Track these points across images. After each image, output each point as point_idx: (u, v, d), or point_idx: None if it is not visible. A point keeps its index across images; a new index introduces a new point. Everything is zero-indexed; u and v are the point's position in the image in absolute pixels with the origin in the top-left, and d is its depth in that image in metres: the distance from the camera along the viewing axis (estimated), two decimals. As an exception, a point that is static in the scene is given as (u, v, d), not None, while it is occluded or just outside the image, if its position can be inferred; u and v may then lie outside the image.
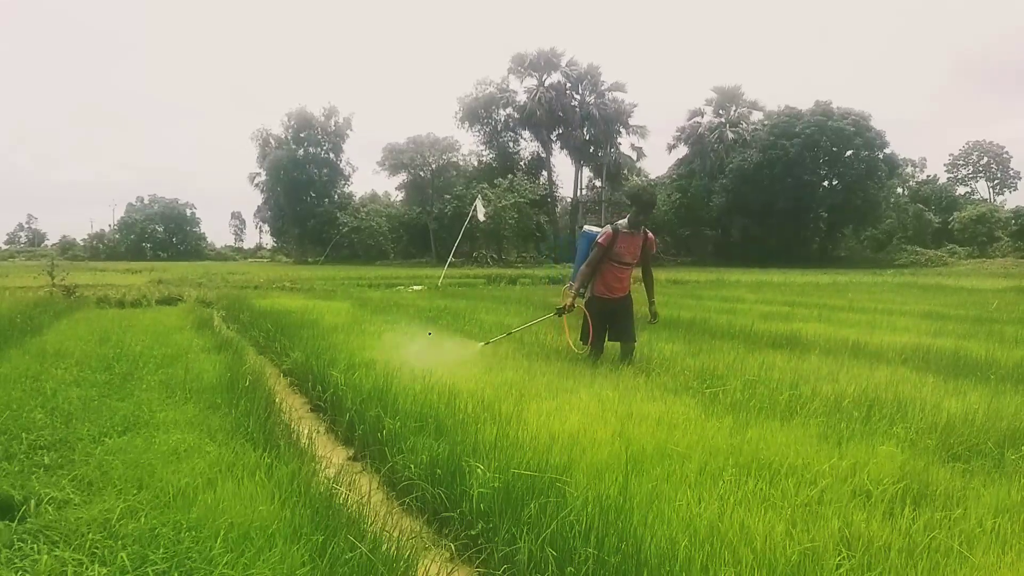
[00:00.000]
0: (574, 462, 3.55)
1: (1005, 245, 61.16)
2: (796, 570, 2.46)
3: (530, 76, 64.71)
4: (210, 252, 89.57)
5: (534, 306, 14.66)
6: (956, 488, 3.25)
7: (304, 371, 7.02)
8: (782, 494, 3.16)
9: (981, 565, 2.49)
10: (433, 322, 10.74)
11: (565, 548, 2.63)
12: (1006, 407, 4.96)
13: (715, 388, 5.51)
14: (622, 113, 64.37)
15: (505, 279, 29.19)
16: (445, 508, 3.44)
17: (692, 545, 2.58)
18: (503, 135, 66.68)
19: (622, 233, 6.73)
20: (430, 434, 4.16)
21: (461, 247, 46.16)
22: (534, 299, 17.13)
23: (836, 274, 34.91)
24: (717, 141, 63.11)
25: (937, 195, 72.30)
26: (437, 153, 62.07)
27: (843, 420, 4.48)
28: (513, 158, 66.72)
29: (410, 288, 23.57)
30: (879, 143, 56.30)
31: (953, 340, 8.67)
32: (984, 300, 16.74)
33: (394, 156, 61.30)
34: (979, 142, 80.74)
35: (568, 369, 6.54)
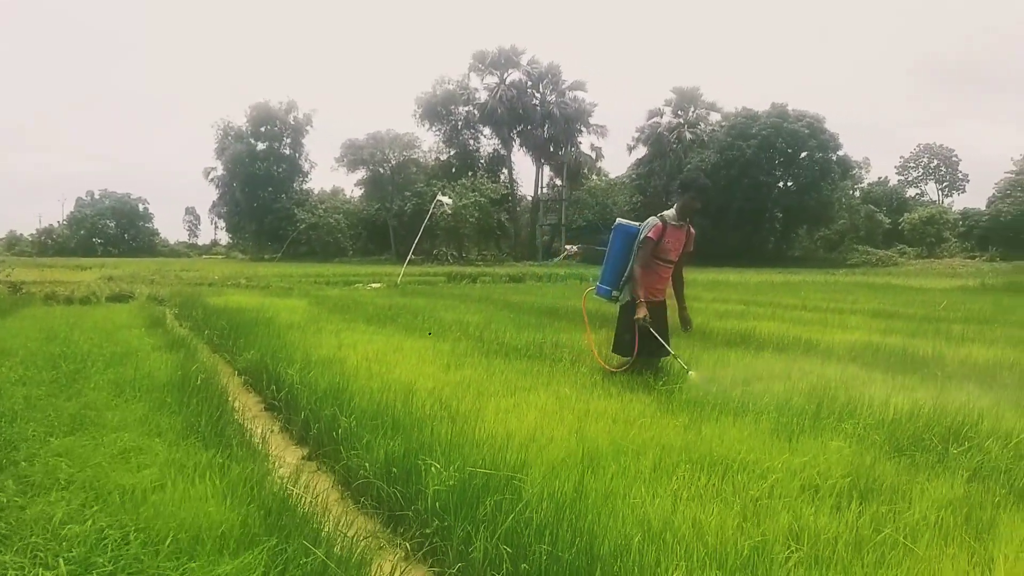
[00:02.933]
0: (530, 459, 3.56)
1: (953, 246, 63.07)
2: (746, 563, 2.50)
3: (491, 74, 64.75)
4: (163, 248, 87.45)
5: (495, 304, 14.68)
6: (902, 482, 3.33)
7: (258, 370, 6.91)
8: (734, 489, 3.22)
9: (925, 557, 2.56)
10: (392, 321, 10.67)
11: (520, 545, 2.64)
12: (951, 403, 5.10)
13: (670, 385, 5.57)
14: (582, 112, 64.72)
15: (466, 277, 29.09)
16: (400, 507, 3.42)
17: (645, 540, 2.61)
18: (463, 133, 66.53)
19: (671, 226, 5.83)
20: (386, 433, 4.13)
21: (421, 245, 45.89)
22: (495, 297, 17.15)
23: (790, 273, 35.57)
24: (676, 142, 63.78)
25: (888, 196, 74.04)
26: (397, 150, 61.61)
27: (794, 416, 4.57)
28: (473, 156, 66.62)
29: (369, 286, 23.40)
30: (833, 145, 57.47)
31: (901, 338, 8.89)
32: (932, 299, 17.21)
33: (353, 152, 60.71)
34: (929, 145, 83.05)
35: (527, 367, 6.56)
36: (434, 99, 64.23)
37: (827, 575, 2.40)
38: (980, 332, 9.94)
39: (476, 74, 65.21)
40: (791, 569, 2.46)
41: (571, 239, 63.31)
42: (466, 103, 65.34)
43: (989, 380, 6.21)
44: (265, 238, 65.67)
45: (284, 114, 65.34)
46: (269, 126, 65.18)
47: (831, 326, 10.59)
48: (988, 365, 6.81)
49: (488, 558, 2.66)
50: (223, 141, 65.86)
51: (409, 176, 61.43)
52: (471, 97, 65.25)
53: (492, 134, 66.60)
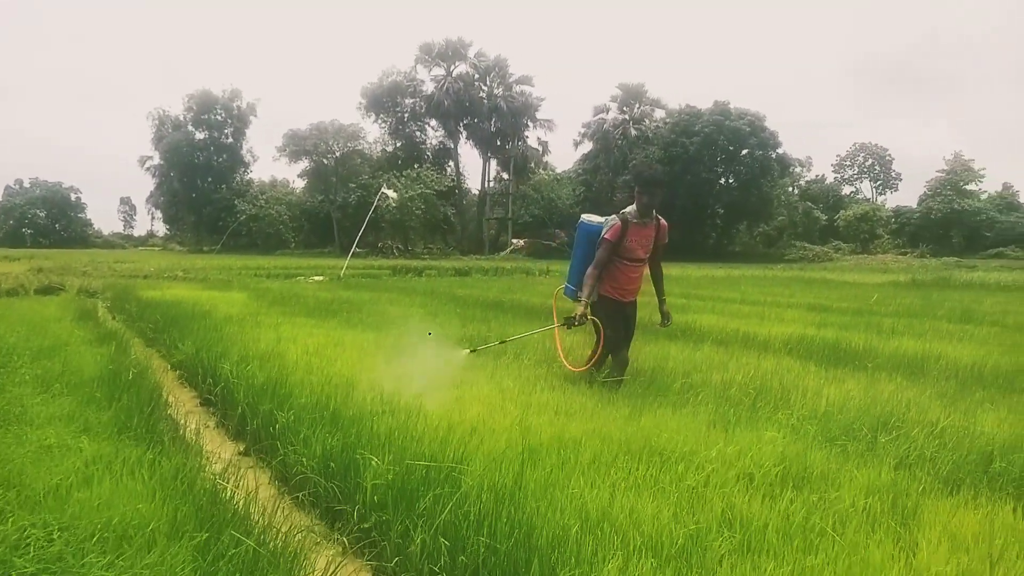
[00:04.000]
0: (471, 452, 3.55)
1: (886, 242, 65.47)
2: (681, 551, 2.54)
3: (438, 66, 64.30)
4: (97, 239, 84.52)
5: (440, 298, 14.62)
6: (832, 471, 3.43)
7: (194, 364, 6.74)
8: (671, 479, 3.26)
9: (852, 543, 2.63)
10: (334, 314, 10.52)
11: (459, 537, 2.63)
12: (880, 393, 5.29)
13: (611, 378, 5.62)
14: (529, 106, 64.81)
15: (411, 270, 28.89)
16: (339, 502, 3.38)
17: (583, 530, 2.63)
18: (410, 124, 65.97)
19: (633, 224, 5.50)
20: (325, 427, 4.06)
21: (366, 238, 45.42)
22: (440, 290, 17.07)
23: (730, 268, 36.35)
24: (621, 137, 64.40)
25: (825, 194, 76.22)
26: (342, 141, 60.74)
27: (731, 407, 4.67)
28: (420, 148, 66.14)
29: (311, 279, 23.03)
30: (772, 143, 58.83)
31: (835, 331, 9.17)
32: (865, 294, 17.80)
33: (296, 142, 59.61)
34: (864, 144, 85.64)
35: (471, 361, 6.53)
36: (380, 90, 63.53)
37: (758, 561, 2.46)
38: (909, 325, 10.32)
39: (423, 66, 64.76)
40: (723, 556, 2.50)
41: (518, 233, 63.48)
42: (412, 95, 64.80)
43: (917, 372, 6.44)
44: (204, 229, 64.09)
45: (227, 102, 63.78)
46: (209, 115, 63.53)
47: (768, 319, 10.85)
48: (916, 357, 7.06)
49: (426, 551, 2.65)
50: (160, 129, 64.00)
51: (354, 168, 60.65)
52: (418, 89, 64.75)
53: (439, 126, 66.27)
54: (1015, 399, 5.32)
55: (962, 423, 4.43)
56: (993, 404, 5.12)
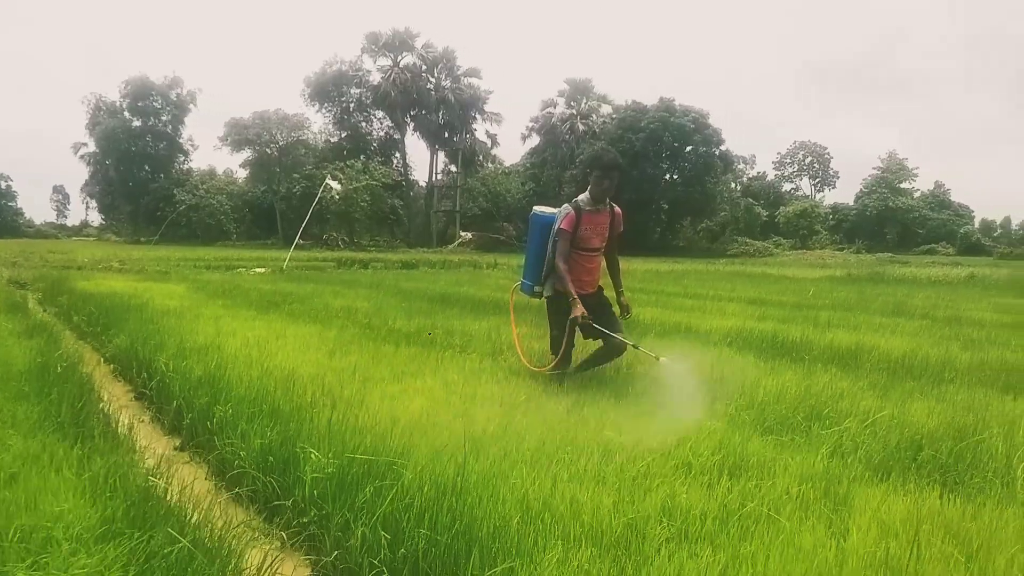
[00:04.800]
0: (414, 445, 3.53)
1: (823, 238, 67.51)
2: (620, 540, 2.57)
3: (384, 56, 63.58)
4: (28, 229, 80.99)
5: (386, 290, 14.48)
6: (768, 459, 3.51)
7: (129, 358, 6.53)
8: (612, 469, 3.29)
9: (786, 529, 2.69)
10: (276, 307, 10.32)
11: (399, 530, 2.60)
12: (816, 384, 5.43)
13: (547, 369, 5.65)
14: (477, 99, 64.68)
15: (357, 263, 28.56)
16: (278, 496, 3.31)
17: (524, 521, 2.64)
18: (355, 115, 65.14)
19: (586, 212, 5.28)
20: (264, 421, 3.99)
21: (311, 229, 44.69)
22: (386, 283, 16.92)
23: (674, 263, 36.89)
24: (568, 132, 64.75)
25: (766, 191, 78.09)
26: (285, 130, 59.64)
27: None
28: (366, 139, 65.40)
29: (252, 270, 22.56)
30: (716, 140, 59.87)
31: (773, 324, 9.38)
32: (803, 288, 18.28)
33: (238, 131, 58.29)
34: (804, 142, 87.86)
35: (416, 354, 6.50)
36: (324, 79, 62.53)
37: (695, 548, 2.50)
38: (844, 319, 10.64)
39: (369, 56, 63.94)
40: (662, 544, 2.54)
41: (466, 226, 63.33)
42: (358, 85, 64.02)
43: (851, 363, 6.63)
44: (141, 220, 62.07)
45: (166, 90, 61.86)
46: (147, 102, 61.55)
47: (710, 313, 11.05)
48: (850, 349, 7.27)
49: (366, 545, 2.61)
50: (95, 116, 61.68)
51: (298, 158, 59.63)
52: (363, 79, 63.99)
53: (385, 117, 65.57)
54: (943, 389, 5.52)
55: (893, 413, 4.58)
56: (923, 394, 5.31)
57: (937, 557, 2.50)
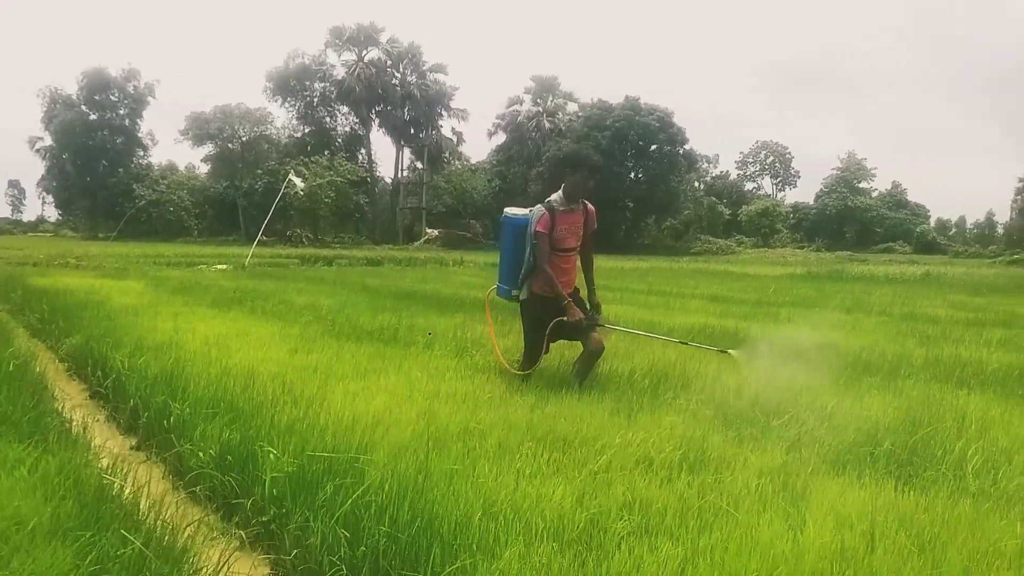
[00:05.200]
0: (376, 442, 3.51)
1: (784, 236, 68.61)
2: (582, 535, 2.58)
3: (349, 51, 62.98)
4: (-18, 225, 79.04)
5: (350, 287, 14.37)
6: (727, 453, 3.55)
7: (84, 356, 6.39)
8: (574, 465, 3.31)
9: (744, 522, 2.73)
10: (238, 304, 10.18)
11: (359, 528, 2.58)
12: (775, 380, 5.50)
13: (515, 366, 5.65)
14: (444, 95, 64.40)
15: (321, 260, 28.24)
16: (236, 495, 3.26)
17: (486, 517, 2.63)
18: (319, 110, 64.41)
19: (560, 212, 5.16)
20: (223, 419, 3.93)
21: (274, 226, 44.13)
22: (350, 280, 16.79)
23: (639, 260, 37.15)
24: (535, 130, 64.82)
25: (729, 190, 79.07)
26: (248, 125, 58.74)
27: (634, 394, 4.76)
28: (330, 134, 64.68)
29: (214, 267, 22.21)
30: (680, 139, 60.38)
31: (735, 320, 9.51)
32: (764, 285, 18.55)
33: (199, 125, 57.25)
34: (766, 142, 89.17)
35: (380, 351, 6.45)
36: (287, 73, 61.71)
37: (655, 542, 2.51)
38: (804, 315, 10.82)
39: (333, 50, 63.28)
40: (623, 538, 2.55)
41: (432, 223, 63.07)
42: (322, 79, 63.31)
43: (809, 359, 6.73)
44: (100, 215, 60.64)
45: (123, 82, 60.47)
46: (104, 95, 60.13)
47: (673, 310, 11.16)
48: (809, 345, 7.38)
49: (326, 543, 2.59)
50: (51, 109, 60.05)
51: (261, 153, 58.77)
52: (327, 73, 63.30)
53: (350, 113, 64.92)
54: (899, 384, 5.64)
55: (850, 407, 4.67)
56: (879, 389, 5.41)
57: (891, 548, 2.55)
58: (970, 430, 4.16)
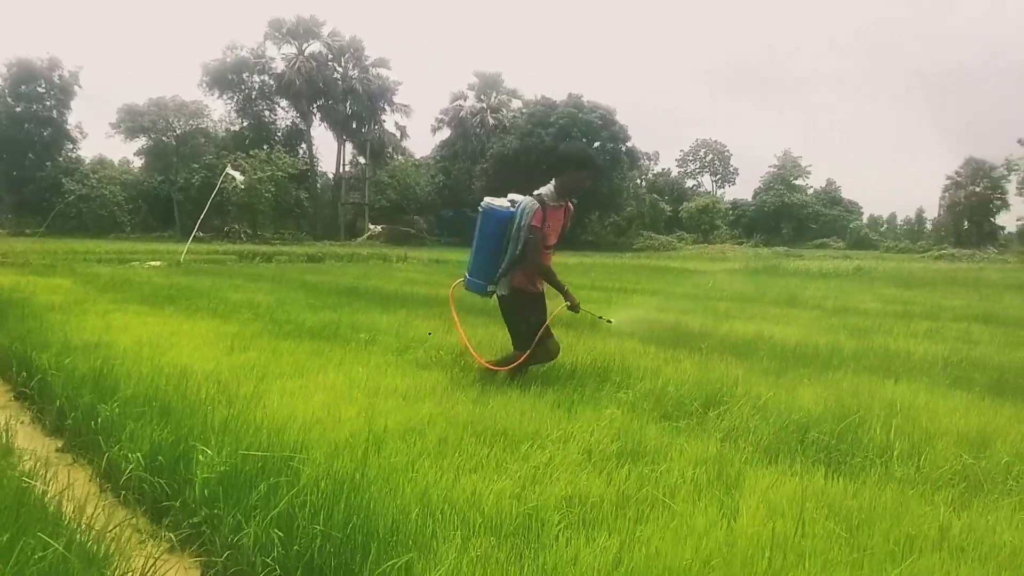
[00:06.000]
0: (313, 441, 3.45)
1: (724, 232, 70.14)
2: (520, 528, 2.58)
3: (288, 43, 61.78)
4: (-102, 220, 74.84)
5: (290, 284, 14.12)
6: (665, 444, 3.60)
7: (7, 356, 6.12)
8: (514, 459, 3.31)
9: (680, 512, 2.77)
10: (172, 301, 9.89)
11: (293, 527, 2.53)
12: (712, 372, 5.63)
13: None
14: (386, 90, 63.76)
15: (260, 256, 27.70)
16: (167, 497, 3.16)
17: (424, 513, 2.62)
18: (258, 103, 63.05)
19: (550, 207, 5.02)
20: (154, 420, 3.81)
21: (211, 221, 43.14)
22: (290, 277, 16.50)
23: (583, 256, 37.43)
24: (479, 126, 64.76)
25: (670, 187, 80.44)
26: (183, 118, 57.14)
27: (576, 388, 4.80)
28: (269, 128, 63.39)
29: (147, 264, 21.56)
30: (623, 136, 61.07)
31: (675, 315, 9.66)
32: (703, 280, 18.91)
33: (132, 118, 55.42)
34: (705, 140, 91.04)
35: (319, 348, 6.36)
36: (224, 66, 60.22)
37: (592, 533, 2.53)
38: (742, 309, 11.08)
39: (272, 43, 61.99)
40: (561, 531, 2.56)
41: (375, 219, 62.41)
42: (261, 72, 61.98)
43: (746, 351, 6.89)
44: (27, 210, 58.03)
45: (47, 72, 58.06)
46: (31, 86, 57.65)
47: (616, 305, 11.27)
48: (746, 338, 7.57)
49: (259, 544, 2.53)
50: (-26, 100, 57.36)
51: (197, 147, 57.21)
52: (267, 66, 62.00)
53: (290, 107, 63.74)
54: (831, 375, 5.81)
55: (783, 398, 4.79)
56: (811, 380, 5.57)
57: (820, 534, 2.62)
58: (896, 418, 4.30)
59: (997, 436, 4.02)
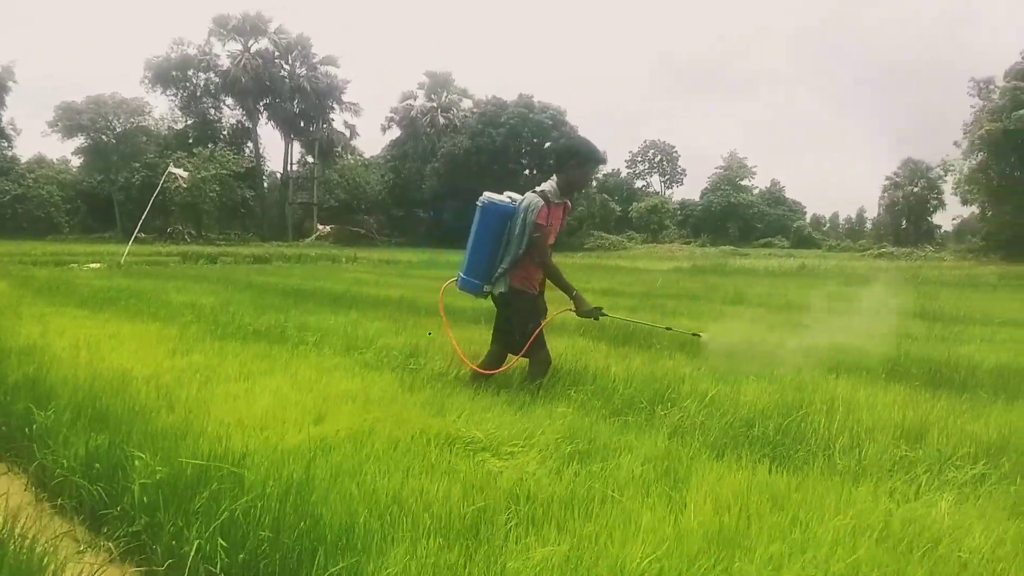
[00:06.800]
0: (259, 445, 3.38)
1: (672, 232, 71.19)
2: (469, 529, 2.57)
3: (234, 40, 60.68)
4: None
5: (235, 285, 13.84)
6: (614, 441, 3.63)
7: (-68, 363, 5.86)
8: (464, 459, 3.29)
9: (628, 508, 2.79)
10: (111, 304, 9.60)
11: (239, 535, 2.47)
12: (660, 369, 5.70)
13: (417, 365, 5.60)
14: (335, 88, 63.09)
15: (204, 257, 27.05)
16: (105, 506, 3.06)
17: (372, 516, 2.58)
18: (203, 101, 61.71)
19: (553, 204, 4.81)
20: (91, 426, 3.68)
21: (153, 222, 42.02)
22: (236, 278, 16.18)
23: (534, 256, 37.58)
24: (429, 125, 64.53)
25: (620, 187, 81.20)
26: (123, 116, 55.61)
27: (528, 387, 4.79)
28: (214, 126, 62.13)
29: (86, 266, 20.90)
30: (572, 137, 61.52)
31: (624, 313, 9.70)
32: (652, 279, 19.17)
33: (69, 116, 53.76)
34: (654, 141, 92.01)
35: (266, 351, 6.24)
36: (168, 63, 58.83)
37: (542, 532, 2.53)
38: (689, 307, 11.23)
39: (218, 39, 60.79)
40: (510, 530, 2.56)
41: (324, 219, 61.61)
42: (206, 69, 60.69)
43: (694, 349, 6.99)
44: (-42, 212, 55.91)
45: (-25, 68, 55.91)
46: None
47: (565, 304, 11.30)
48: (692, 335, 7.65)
49: (202, 552, 2.46)
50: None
51: (138, 145, 55.72)
52: (212, 63, 60.72)
53: (236, 105, 62.58)
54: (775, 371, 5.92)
55: (729, 393, 4.87)
56: (756, 376, 5.67)
57: (765, 527, 2.67)
58: (839, 412, 4.41)
59: (933, 427, 4.15)
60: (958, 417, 4.47)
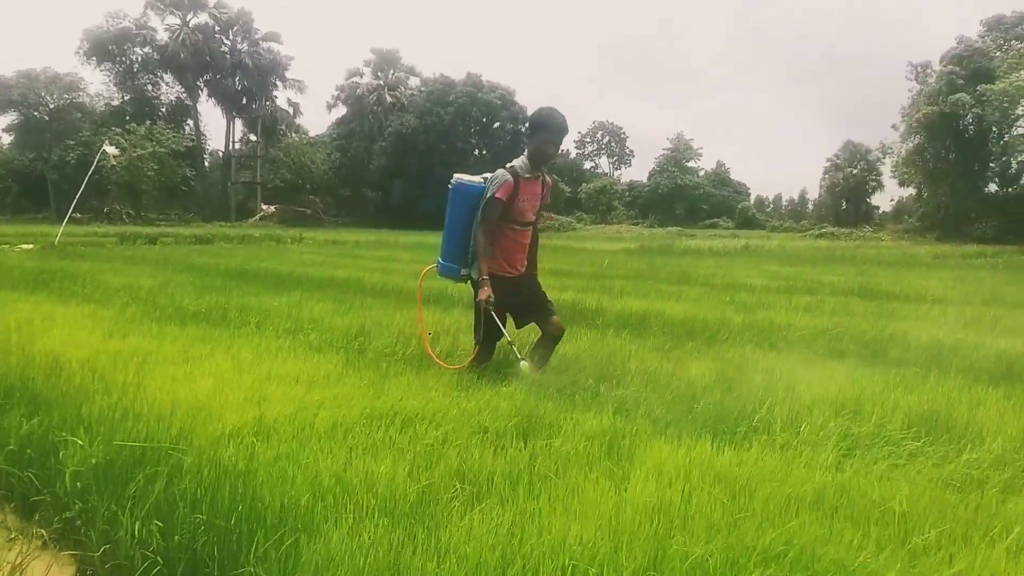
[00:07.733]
0: (197, 428, 3.32)
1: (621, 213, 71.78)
2: (414, 507, 2.57)
3: (172, 14, 58.53)
4: None
5: (175, 267, 13.49)
6: (559, 419, 3.65)
7: None
8: (409, 439, 3.28)
9: (571, 484, 2.82)
10: (44, 286, 9.27)
11: (174, 518, 2.42)
12: (607, 347, 5.76)
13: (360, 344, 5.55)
14: (278, 65, 61.50)
15: (143, 238, 26.22)
16: (37, 492, 2.97)
17: (314, 497, 2.56)
18: (140, 76, 59.54)
19: (524, 180, 4.67)
20: (22, 411, 3.56)
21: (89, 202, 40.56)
22: (176, 259, 15.76)
23: (484, 236, 37.52)
24: (376, 104, 63.59)
25: (569, 168, 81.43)
26: (56, 92, 53.33)
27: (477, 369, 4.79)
28: (152, 103, 59.99)
29: (18, 247, 20.10)
30: (522, 117, 61.15)
31: (573, 293, 9.83)
32: (600, 260, 19.31)
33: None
34: (603, 123, 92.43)
35: (206, 333, 6.11)
36: (105, 36, 56.50)
37: (486, 509, 2.54)
38: (636, 287, 11.37)
39: (155, 12, 58.55)
40: (455, 508, 2.56)
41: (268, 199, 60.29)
42: (143, 44, 58.52)
43: (640, 327, 7.08)
44: None
45: None
46: None
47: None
48: (640, 314, 7.76)
49: (137, 537, 2.41)
50: None
51: (72, 122, 53.47)
52: (149, 38, 58.57)
53: (174, 81, 60.53)
54: (717, 348, 6.05)
55: (673, 370, 4.95)
56: (700, 354, 5.78)
57: (705, 500, 2.72)
58: (779, 389, 4.51)
59: (869, 402, 4.28)
60: (892, 391, 4.62)
